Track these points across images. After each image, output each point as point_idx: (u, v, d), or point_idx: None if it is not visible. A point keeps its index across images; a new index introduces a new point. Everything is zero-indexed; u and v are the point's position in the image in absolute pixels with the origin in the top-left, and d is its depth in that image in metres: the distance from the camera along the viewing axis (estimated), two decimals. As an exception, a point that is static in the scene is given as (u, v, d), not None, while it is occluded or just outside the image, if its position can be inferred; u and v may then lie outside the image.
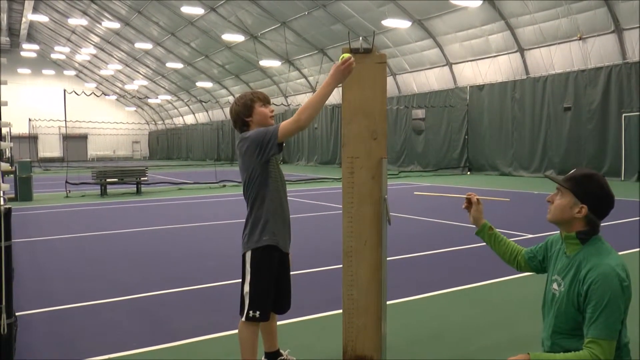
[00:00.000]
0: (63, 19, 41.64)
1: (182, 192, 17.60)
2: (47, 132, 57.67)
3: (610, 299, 2.26)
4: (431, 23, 24.34)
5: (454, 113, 25.85)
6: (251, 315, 3.17)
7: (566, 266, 2.50)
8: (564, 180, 2.51)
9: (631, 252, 7.09)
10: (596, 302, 2.27)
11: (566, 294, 2.43)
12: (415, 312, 4.84)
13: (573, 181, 2.49)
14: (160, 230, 9.80)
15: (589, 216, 2.46)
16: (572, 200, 2.46)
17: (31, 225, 10.58)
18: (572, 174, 2.53)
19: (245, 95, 3.31)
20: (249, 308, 3.18)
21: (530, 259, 2.84)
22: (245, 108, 3.26)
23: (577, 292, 2.37)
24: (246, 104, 3.26)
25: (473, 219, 3.02)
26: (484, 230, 3.00)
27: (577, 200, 2.45)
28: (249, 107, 3.25)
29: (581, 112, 20.30)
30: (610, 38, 19.33)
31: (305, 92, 37.05)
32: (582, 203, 2.44)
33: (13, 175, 15.62)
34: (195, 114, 57.61)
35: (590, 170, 2.57)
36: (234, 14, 30.48)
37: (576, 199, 2.45)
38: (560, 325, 2.46)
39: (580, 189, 2.46)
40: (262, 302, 3.19)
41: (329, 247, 7.59)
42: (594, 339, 2.23)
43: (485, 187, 17.58)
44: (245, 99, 3.28)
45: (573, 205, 2.46)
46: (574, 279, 2.42)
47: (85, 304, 5.14)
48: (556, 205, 2.52)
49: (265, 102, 3.29)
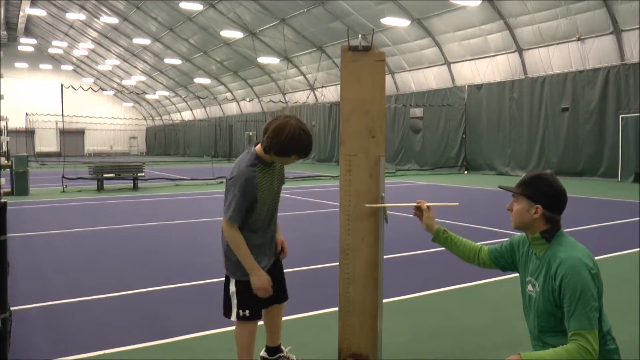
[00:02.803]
0: (61, 13, 41.52)
1: (179, 188, 17.57)
2: (44, 127, 57.50)
3: (583, 289, 2.33)
4: (430, 22, 24.33)
5: (452, 112, 25.86)
6: (241, 315, 3.15)
7: (537, 267, 2.59)
8: (516, 187, 2.63)
9: (630, 252, 7.10)
10: (570, 295, 2.34)
11: (542, 293, 2.51)
12: (412, 310, 4.84)
13: (524, 185, 2.62)
14: (156, 226, 9.79)
15: (546, 214, 2.56)
16: (527, 204, 2.58)
17: (27, 219, 10.56)
18: (522, 179, 2.65)
19: (296, 141, 2.98)
20: (238, 307, 3.16)
21: (496, 258, 2.94)
22: (282, 150, 3.01)
23: (552, 289, 2.45)
24: (286, 150, 3.00)
25: (426, 225, 3.09)
26: (439, 235, 3.07)
27: (531, 202, 2.56)
28: (285, 153, 3.02)
29: (579, 113, 20.32)
30: (609, 39, 19.35)
31: (303, 90, 37.02)
32: (535, 204, 2.55)
33: (9, 169, 15.58)
34: (192, 110, 57.54)
35: (538, 170, 2.68)
36: (233, 10, 30.42)
37: (530, 201, 2.57)
38: (543, 324, 2.53)
39: (531, 191, 2.58)
40: (250, 300, 3.15)
41: (325, 245, 7.59)
42: (577, 331, 2.29)
43: (482, 186, 17.59)
44: (288, 147, 2.99)
45: (529, 208, 2.57)
46: (546, 277, 2.49)
47: (80, 300, 5.13)
48: (514, 211, 2.64)
49: (302, 158, 3.11)
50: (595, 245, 7.55)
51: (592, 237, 8.27)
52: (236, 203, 3.01)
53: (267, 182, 3.15)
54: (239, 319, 3.17)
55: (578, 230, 8.70)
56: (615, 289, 5.38)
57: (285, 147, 2.99)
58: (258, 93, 41.89)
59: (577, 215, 10.85)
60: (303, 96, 37.22)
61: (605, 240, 8.07)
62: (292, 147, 3.00)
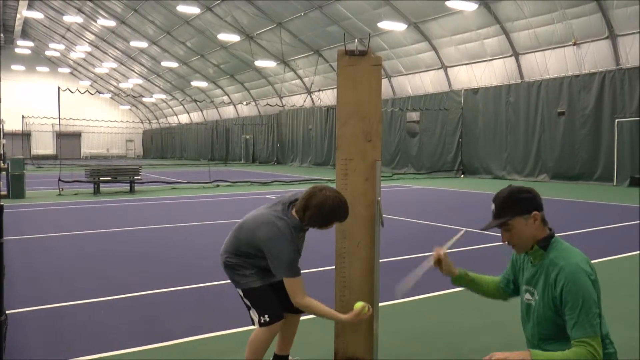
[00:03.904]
0: (58, 16, 41.48)
1: (175, 192, 17.56)
2: (40, 130, 57.37)
3: (585, 297, 2.31)
4: (427, 26, 24.40)
5: (448, 116, 25.91)
6: (263, 321, 3.17)
7: (534, 274, 2.55)
8: (501, 217, 2.53)
9: (627, 255, 7.13)
10: (572, 303, 2.32)
11: (541, 301, 2.48)
12: (408, 314, 4.85)
13: (507, 208, 2.53)
14: (153, 229, 9.78)
15: (542, 215, 2.53)
16: (522, 220, 2.50)
17: (23, 223, 10.53)
18: (499, 206, 2.55)
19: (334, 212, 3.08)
20: (258, 315, 3.19)
21: (506, 286, 2.89)
22: (324, 222, 3.12)
23: (552, 297, 2.43)
24: (328, 220, 3.11)
25: (447, 272, 3.00)
26: (462, 279, 3.00)
27: (526, 215, 2.50)
28: (327, 223, 3.13)
29: (575, 117, 20.40)
30: (604, 44, 19.44)
31: (300, 93, 37.05)
32: (529, 213, 2.50)
33: (5, 172, 15.54)
34: (189, 113, 57.51)
35: (503, 189, 2.61)
36: (230, 13, 30.46)
37: (523, 215, 2.50)
38: (544, 332, 2.51)
39: (516, 207, 2.51)
40: (266, 305, 3.19)
41: (321, 248, 7.59)
42: (581, 339, 2.27)
43: (478, 190, 17.62)
44: (331, 217, 3.10)
45: (527, 223, 2.50)
46: (545, 285, 2.47)
47: (77, 303, 5.12)
48: (515, 236, 2.54)
49: (340, 222, 3.21)
50: (592, 249, 7.58)
51: (589, 241, 8.30)
52: (293, 261, 3.07)
53: (301, 240, 3.29)
54: (262, 325, 3.18)
55: (574, 234, 8.72)
56: (612, 293, 5.40)
57: (328, 219, 3.11)
58: (255, 96, 41.90)
59: (573, 219, 10.88)
60: (300, 100, 37.25)
61: (602, 243, 8.09)
62: (333, 218, 3.11)
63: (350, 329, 3.42)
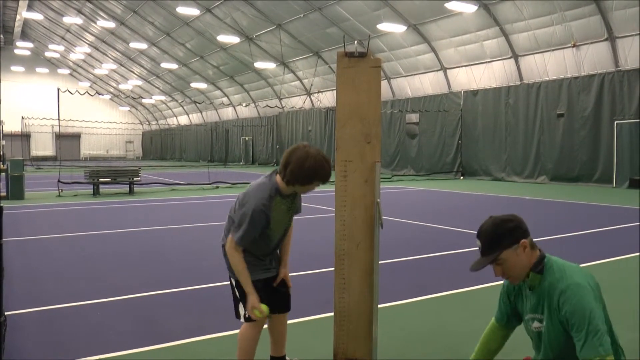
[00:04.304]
0: (58, 17, 41.48)
1: (175, 193, 17.55)
2: (40, 131, 57.38)
3: (590, 316, 2.28)
4: (426, 28, 24.42)
5: (447, 118, 25.93)
6: (248, 316, 3.18)
7: (538, 302, 2.52)
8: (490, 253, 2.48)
9: (627, 257, 7.13)
10: (578, 324, 2.29)
11: (551, 326, 2.45)
12: (407, 315, 4.85)
13: (493, 244, 2.48)
14: (153, 230, 9.77)
15: (530, 242, 2.49)
16: (512, 252, 2.46)
17: (23, 224, 10.52)
18: (486, 242, 2.50)
19: (318, 169, 3.05)
20: (245, 309, 3.19)
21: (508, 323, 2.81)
22: (305, 180, 3.08)
23: (559, 320, 2.40)
24: (308, 177, 3.07)
25: None
26: None
27: (513, 246, 2.45)
28: (308, 181, 3.09)
29: (574, 119, 20.42)
30: (604, 46, 19.46)
31: (300, 95, 37.05)
32: (517, 243, 2.45)
33: (5, 173, 15.53)
34: (189, 114, 57.51)
35: (484, 223, 2.55)
36: (230, 15, 30.47)
37: (511, 248, 2.45)
38: (558, 355, 2.47)
39: (504, 239, 2.46)
40: None
41: (321, 250, 7.59)
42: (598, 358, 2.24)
43: (478, 192, 17.63)
44: (312, 175, 3.06)
45: (517, 253, 2.46)
46: (550, 310, 2.44)
47: (76, 304, 5.11)
48: (509, 270, 2.50)
49: (322, 183, 3.15)
50: (592, 251, 7.58)
51: (589, 243, 8.30)
52: (246, 231, 3.07)
53: (281, 212, 3.21)
54: (247, 320, 3.20)
55: (574, 236, 8.72)
56: (612, 294, 5.40)
57: (309, 177, 3.07)
58: (254, 98, 41.91)
59: (572, 220, 10.89)
60: (299, 101, 37.25)
61: (602, 245, 8.09)
62: (315, 176, 3.07)
63: (349, 330, 3.41)
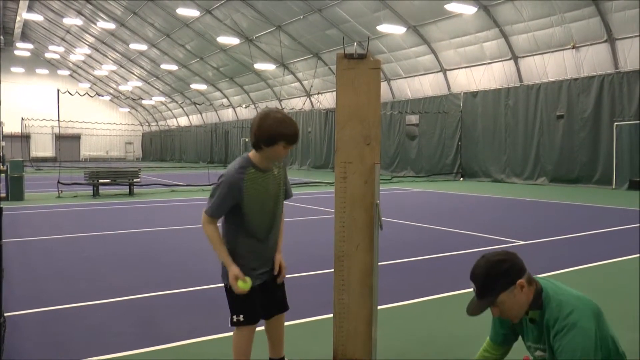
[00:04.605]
0: (58, 18, 41.51)
1: (174, 194, 17.55)
2: (39, 132, 57.41)
3: None
4: (426, 29, 24.44)
5: (447, 119, 25.94)
6: (235, 320, 3.15)
7: (540, 334, 2.48)
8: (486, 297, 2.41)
9: (627, 258, 7.13)
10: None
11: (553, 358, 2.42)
12: (406, 317, 4.85)
13: (488, 288, 2.40)
14: (152, 232, 9.77)
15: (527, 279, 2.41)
16: (509, 294, 2.39)
17: (22, 225, 10.52)
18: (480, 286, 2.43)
19: (278, 126, 2.96)
20: (232, 313, 3.16)
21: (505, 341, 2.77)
22: (268, 138, 2.97)
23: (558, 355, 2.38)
24: (271, 138, 2.97)
25: None
26: None
27: (509, 288, 2.38)
28: (272, 141, 2.98)
29: (574, 120, 20.43)
30: (603, 47, 19.48)
31: (299, 96, 37.07)
32: (512, 285, 2.37)
33: (5, 174, 15.53)
34: (189, 116, 57.53)
35: (477, 264, 2.48)
36: (230, 16, 30.49)
37: (507, 290, 2.38)
38: None
39: (498, 283, 2.38)
40: (243, 305, 3.15)
41: (320, 252, 7.60)
42: None
43: (478, 193, 17.63)
44: (276, 132, 2.96)
45: (514, 294, 2.39)
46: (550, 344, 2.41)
47: (76, 305, 5.11)
48: (507, 311, 2.43)
49: (291, 144, 3.04)
50: (592, 252, 7.59)
51: (588, 244, 8.30)
52: (215, 201, 3.07)
53: (257, 188, 3.12)
54: (233, 324, 3.17)
55: (574, 237, 8.73)
56: (612, 296, 5.41)
57: (271, 134, 2.96)
58: (254, 99, 41.92)
59: (572, 222, 10.89)
60: (299, 102, 37.27)
61: (601, 247, 8.09)
62: (277, 134, 2.96)
63: (349, 331, 3.41)
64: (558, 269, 6.40)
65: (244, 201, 3.08)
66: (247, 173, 3.08)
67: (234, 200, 3.06)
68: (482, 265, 2.44)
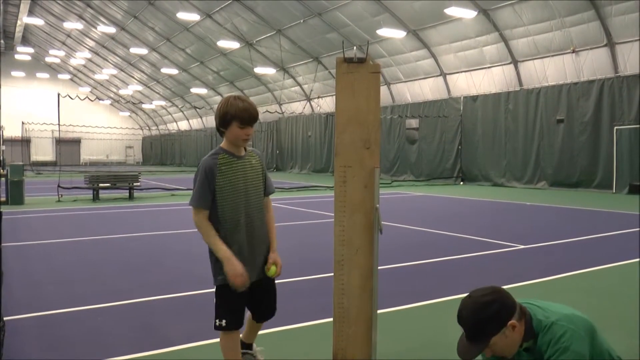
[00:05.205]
0: (58, 22, 41.62)
1: (174, 198, 17.55)
2: (40, 136, 57.47)
3: None
4: (426, 33, 24.49)
5: (447, 123, 25.97)
6: (217, 324, 3.14)
7: None
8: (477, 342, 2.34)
9: (627, 263, 7.12)
10: None
11: None
12: (406, 321, 4.84)
13: (478, 333, 2.33)
14: (152, 236, 9.77)
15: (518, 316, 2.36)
16: (501, 335, 2.32)
17: (22, 229, 10.52)
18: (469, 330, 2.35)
19: (228, 106, 3.06)
20: (216, 317, 3.16)
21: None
22: (222, 121, 3.09)
23: None
24: (225, 117, 3.07)
25: None
26: None
27: (501, 330, 2.32)
28: (226, 122, 3.08)
29: (574, 124, 20.45)
30: (603, 51, 19.51)
31: (300, 100, 37.12)
32: (504, 327, 2.31)
33: (5, 178, 15.53)
34: (189, 120, 57.59)
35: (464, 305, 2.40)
36: (230, 20, 30.56)
37: (499, 332, 2.32)
38: None
39: (488, 327, 2.31)
40: (226, 310, 3.14)
41: (320, 255, 7.59)
42: None
43: (477, 197, 17.63)
44: (227, 111, 3.06)
45: (506, 335, 2.32)
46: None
47: (75, 309, 5.10)
48: (500, 351, 2.37)
49: (245, 124, 3.07)
50: (592, 256, 7.58)
51: (588, 248, 8.30)
52: (197, 190, 3.10)
53: (231, 174, 3.14)
54: (216, 328, 3.16)
55: (574, 242, 8.72)
56: (611, 301, 5.40)
57: (223, 115, 3.07)
58: (254, 103, 41.95)
59: (573, 226, 10.88)
60: (299, 107, 37.32)
61: (601, 251, 8.09)
62: (230, 114, 3.05)
63: (349, 335, 3.41)
64: (558, 274, 6.39)
65: (219, 185, 3.10)
66: (219, 158, 3.15)
67: (211, 186, 3.10)
68: (469, 307, 2.34)
